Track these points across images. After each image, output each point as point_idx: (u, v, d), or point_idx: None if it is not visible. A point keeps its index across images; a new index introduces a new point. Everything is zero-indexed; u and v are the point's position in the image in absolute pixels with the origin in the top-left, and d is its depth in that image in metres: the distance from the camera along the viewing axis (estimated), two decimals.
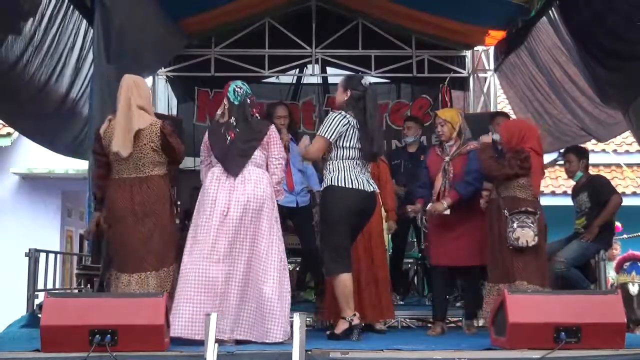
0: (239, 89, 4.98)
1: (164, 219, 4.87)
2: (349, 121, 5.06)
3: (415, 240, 8.11)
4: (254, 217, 4.78)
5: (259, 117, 5.10)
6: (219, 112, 5.05)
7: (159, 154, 4.88)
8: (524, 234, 5.22)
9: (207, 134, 5.04)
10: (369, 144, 5.12)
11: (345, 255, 5.06)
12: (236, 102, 4.96)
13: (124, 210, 4.82)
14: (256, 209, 4.79)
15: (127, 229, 4.80)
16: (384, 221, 6.19)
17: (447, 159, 5.81)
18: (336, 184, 5.04)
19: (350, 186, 5.03)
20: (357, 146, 5.09)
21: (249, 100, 5.00)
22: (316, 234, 7.04)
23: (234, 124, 4.92)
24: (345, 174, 5.05)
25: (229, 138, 4.87)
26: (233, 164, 4.84)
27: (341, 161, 5.08)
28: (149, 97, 5.06)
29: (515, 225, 5.24)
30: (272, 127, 5.11)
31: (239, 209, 4.74)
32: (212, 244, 4.70)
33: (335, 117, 5.08)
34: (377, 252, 5.94)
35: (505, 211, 5.31)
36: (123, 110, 4.83)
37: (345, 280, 5.02)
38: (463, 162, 5.77)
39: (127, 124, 4.79)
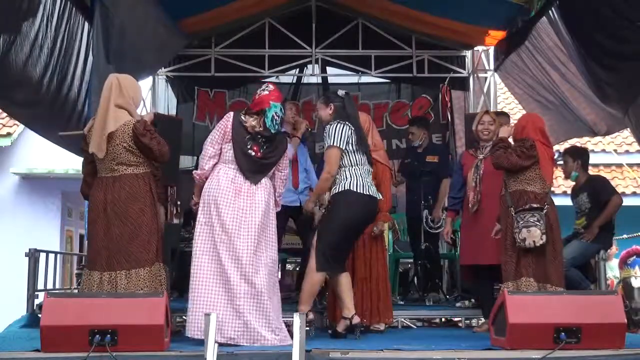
0: (277, 117, 4.93)
1: (139, 219, 4.79)
2: (349, 127, 5.25)
3: (410, 240, 8.13)
4: (269, 223, 4.88)
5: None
6: (254, 122, 4.91)
7: (134, 153, 4.82)
8: (530, 235, 5.12)
9: (230, 124, 4.89)
10: (366, 144, 5.36)
11: (344, 257, 5.27)
12: (272, 130, 4.91)
13: (98, 209, 4.81)
14: (270, 215, 4.91)
15: (100, 228, 4.79)
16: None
17: (480, 157, 5.93)
18: (354, 189, 5.18)
19: (367, 193, 5.22)
20: (361, 149, 5.26)
21: (282, 128, 5.12)
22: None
23: (262, 144, 4.90)
24: (361, 181, 5.21)
25: (253, 154, 4.86)
26: (254, 176, 4.88)
27: (353, 167, 5.23)
28: (134, 96, 4.97)
29: (520, 224, 5.15)
30: (288, 143, 5.21)
31: (259, 214, 4.80)
32: (234, 248, 4.72)
33: (335, 126, 5.23)
34: (376, 252, 5.95)
35: (512, 209, 5.26)
36: (100, 112, 4.84)
37: (342, 279, 5.19)
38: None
39: (102, 126, 4.79)
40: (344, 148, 5.19)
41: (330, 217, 5.22)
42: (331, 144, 5.18)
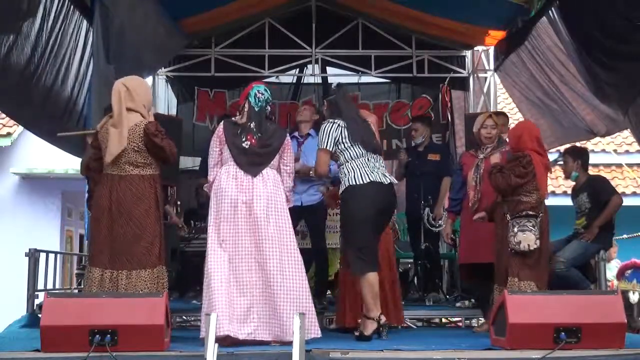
0: (260, 95, 5.02)
1: (143, 220, 4.77)
2: (338, 124, 5.22)
3: (410, 240, 8.14)
4: (278, 215, 4.85)
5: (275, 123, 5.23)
6: (238, 114, 5.06)
7: (142, 154, 4.80)
8: (525, 238, 5.21)
9: (221, 129, 5.02)
10: (360, 134, 5.24)
11: (370, 253, 5.11)
12: (256, 108, 4.99)
13: (102, 207, 4.80)
14: (279, 207, 4.88)
15: (104, 226, 4.78)
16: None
17: (481, 156, 5.97)
18: (354, 183, 5.13)
19: (368, 180, 5.12)
20: (357, 142, 5.19)
21: (269, 108, 5.10)
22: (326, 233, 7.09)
23: (254, 129, 4.95)
24: (360, 171, 5.15)
25: (248, 143, 4.91)
26: (252, 168, 4.89)
27: (352, 161, 5.19)
28: (144, 96, 4.93)
29: (516, 229, 5.25)
30: (288, 135, 5.23)
31: (263, 206, 4.80)
32: (241, 245, 4.77)
33: (324, 127, 5.26)
34: (380, 255, 5.93)
35: (508, 215, 5.33)
36: (115, 123, 4.80)
37: (371, 280, 5.07)
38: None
39: (119, 139, 4.77)
40: (332, 149, 5.18)
41: (345, 218, 5.22)
42: (319, 146, 5.23)
